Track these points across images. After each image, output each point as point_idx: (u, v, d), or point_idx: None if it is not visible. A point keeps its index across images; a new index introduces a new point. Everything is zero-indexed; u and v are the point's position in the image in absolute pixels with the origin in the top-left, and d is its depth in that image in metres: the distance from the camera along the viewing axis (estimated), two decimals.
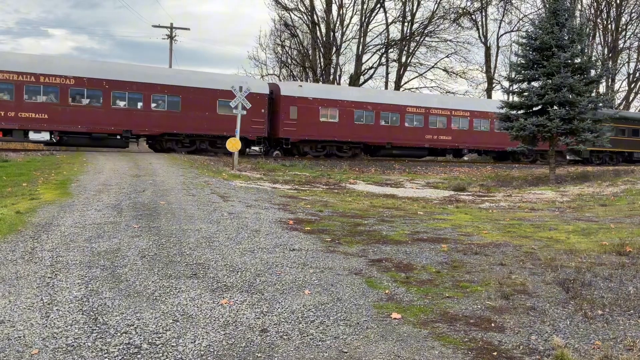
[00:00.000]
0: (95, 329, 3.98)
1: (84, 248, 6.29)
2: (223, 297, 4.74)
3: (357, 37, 43.51)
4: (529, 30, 22.88)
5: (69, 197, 10.00)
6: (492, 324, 4.31)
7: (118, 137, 23.89)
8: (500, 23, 49.33)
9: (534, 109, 20.80)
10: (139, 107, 24.21)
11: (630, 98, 48.53)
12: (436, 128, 31.10)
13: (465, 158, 35.99)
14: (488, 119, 31.90)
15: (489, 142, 32.37)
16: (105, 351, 3.64)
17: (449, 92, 44.92)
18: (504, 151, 32.59)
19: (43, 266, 5.51)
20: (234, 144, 19.80)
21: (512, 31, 47.09)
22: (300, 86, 28.83)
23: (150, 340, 3.82)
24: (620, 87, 49.03)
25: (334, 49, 42.63)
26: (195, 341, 3.84)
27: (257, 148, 28.09)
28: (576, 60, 21.14)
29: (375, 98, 30.33)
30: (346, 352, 3.76)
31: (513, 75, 22.50)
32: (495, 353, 3.79)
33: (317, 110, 28.04)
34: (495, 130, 30.96)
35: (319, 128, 28.08)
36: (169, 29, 40.80)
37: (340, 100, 28.87)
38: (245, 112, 21.17)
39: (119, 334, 3.91)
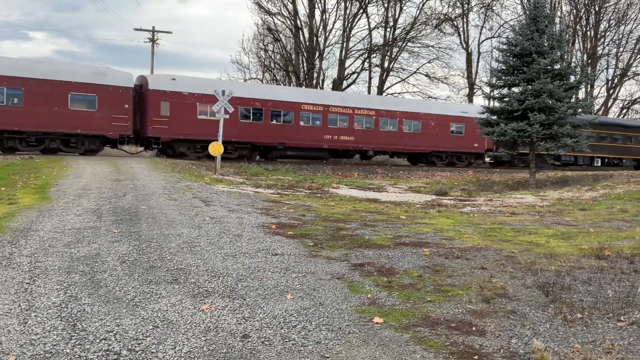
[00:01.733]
0: (74, 336, 3.92)
1: (63, 253, 6.20)
2: (204, 303, 4.71)
3: (340, 42, 43.68)
4: (510, 37, 23.17)
5: (48, 202, 9.87)
6: (473, 328, 4.34)
7: None
8: (482, 29, 49.97)
9: (515, 114, 21.02)
10: None
11: (609, 104, 49.31)
12: (337, 128, 29.03)
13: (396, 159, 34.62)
14: (396, 119, 30.48)
15: (397, 143, 30.64)
16: (84, 358, 3.59)
17: (430, 97, 45.18)
18: (418, 153, 32.03)
19: (21, 272, 5.42)
20: (216, 148, 19.71)
21: (493, 37, 47.58)
22: (174, 79, 26.00)
23: (129, 347, 3.78)
24: (599, 93, 49.78)
25: (317, 53, 42.72)
26: (175, 347, 3.81)
27: (127, 148, 25.92)
28: (556, 67, 21.44)
29: (265, 94, 27.99)
30: (328, 357, 3.75)
31: (494, 81, 22.76)
32: (476, 357, 3.81)
33: (194, 106, 25.58)
34: (404, 130, 30.48)
35: (197, 126, 25.52)
36: (151, 33, 40.59)
37: None
38: (227, 117, 21.08)
39: (98, 341, 3.86)
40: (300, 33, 42.57)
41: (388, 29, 44.77)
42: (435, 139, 31.53)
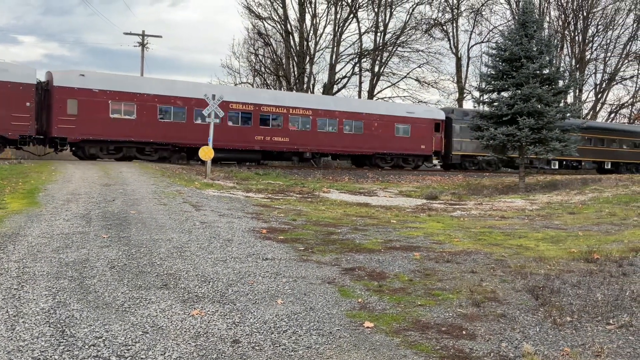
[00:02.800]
0: (62, 342, 3.89)
1: (52, 259, 6.15)
2: (194, 308, 4.69)
3: (331, 46, 43.84)
4: (499, 42, 23.38)
5: (37, 207, 9.79)
6: (464, 332, 4.34)
7: None
8: (471, 34, 50.28)
9: (504, 118, 21.15)
10: None
11: (597, 108, 49.73)
12: (269, 128, 27.50)
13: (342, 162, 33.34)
14: (336, 119, 29.29)
15: (337, 144, 29.35)
16: None
17: (421, 101, 45.34)
18: (360, 155, 30.95)
19: (9, 277, 5.37)
20: (206, 153, 19.66)
21: (482, 42, 48.04)
22: (83, 75, 24.07)
23: (119, 353, 3.75)
24: (587, 97, 50.22)
25: (308, 58, 42.80)
26: (165, 353, 3.78)
27: (34, 149, 24.51)
28: (544, 71, 21.62)
29: (188, 92, 26.11)
30: None
31: (483, 86, 22.90)
32: None
33: (106, 104, 23.85)
34: (345, 132, 29.33)
35: (110, 126, 23.89)
36: (141, 37, 40.47)
37: (138, 94, 24.71)
38: (218, 121, 21.04)
39: (87, 347, 3.82)
40: (291, 37, 42.67)
41: (378, 34, 45.05)
42: (379, 141, 30.38)
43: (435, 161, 33.07)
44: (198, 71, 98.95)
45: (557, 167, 35.94)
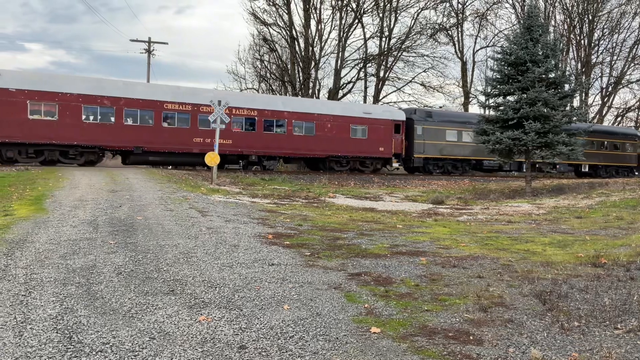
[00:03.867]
0: (70, 348, 3.90)
1: (59, 265, 6.18)
2: (201, 314, 4.69)
3: (336, 51, 43.87)
4: (504, 46, 23.33)
5: (44, 213, 9.84)
6: (471, 337, 4.33)
7: None
8: (476, 39, 50.35)
9: (510, 122, 21.11)
10: None
11: (604, 112, 49.56)
12: (210, 130, 25.12)
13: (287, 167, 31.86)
14: (284, 120, 27.75)
15: (286, 147, 27.81)
16: None
17: (426, 105, 45.27)
18: (314, 159, 29.39)
19: (17, 284, 5.40)
20: (212, 158, 19.71)
21: (487, 46, 47.99)
22: None
23: (126, 359, 3.76)
24: (593, 101, 50.05)
25: (313, 63, 42.88)
26: (172, 359, 3.79)
27: None
28: (550, 75, 21.58)
29: (117, 91, 24.42)
30: None
31: (489, 90, 22.88)
32: None
33: (23, 104, 22.43)
34: (295, 133, 27.79)
35: (28, 128, 22.46)
36: (147, 43, 40.68)
37: (61, 93, 23.15)
38: (224, 127, 21.08)
39: (94, 353, 3.83)
40: (296, 43, 42.76)
41: (383, 39, 45.06)
42: (332, 143, 28.87)
43: (395, 164, 31.75)
44: (204, 77, 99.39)
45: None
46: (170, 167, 27.14)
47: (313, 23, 42.90)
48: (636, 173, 38.31)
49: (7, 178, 16.96)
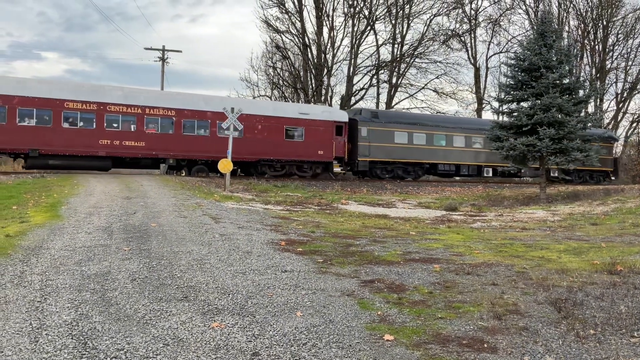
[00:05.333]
0: (84, 354, 3.93)
1: (74, 271, 6.23)
2: (214, 320, 4.71)
3: (348, 58, 43.97)
4: (518, 52, 23.23)
5: (60, 220, 9.93)
6: (485, 345, 4.30)
7: None
8: (489, 44, 50.26)
9: (524, 129, 20.99)
10: None
11: (619, 118, 49.11)
12: (119, 131, 23.95)
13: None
14: (207, 121, 25.87)
15: (210, 149, 25.71)
16: None
17: (439, 112, 45.09)
18: (243, 162, 27.06)
19: (32, 290, 5.45)
20: (225, 165, 19.80)
21: (500, 52, 47.76)
22: None
23: None
24: (608, 107, 49.61)
25: (325, 70, 42.97)
26: None
27: None
28: (564, 81, 21.44)
29: (9, 88, 22.65)
30: None
31: (502, 96, 22.75)
32: None
33: None
34: (220, 135, 24.92)
35: None
36: (161, 52, 41.03)
37: None
38: (237, 134, 21.14)
39: (108, 359, 3.86)
40: (309, 50, 42.90)
41: (396, 45, 45.09)
42: (263, 146, 26.94)
43: (337, 169, 29.55)
44: (217, 85, 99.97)
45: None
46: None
47: (325, 30, 43.09)
48: (612, 178, 35.99)
49: (23, 185, 17.16)
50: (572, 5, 47.06)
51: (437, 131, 32.01)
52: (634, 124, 51.11)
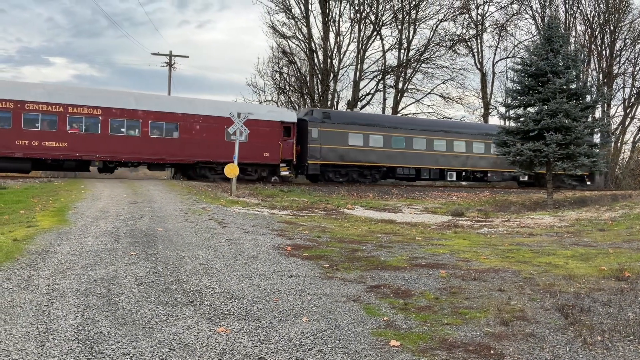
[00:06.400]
0: (91, 358, 3.94)
1: (81, 276, 6.25)
2: (220, 325, 4.71)
3: (355, 63, 43.99)
4: (524, 57, 23.22)
5: (67, 225, 9.97)
6: (492, 351, 4.28)
7: None
8: (496, 50, 50.01)
9: (531, 134, 20.94)
10: None
11: (626, 123, 48.87)
12: (38, 131, 22.39)
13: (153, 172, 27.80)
14: (138, 120, 24.35)
15: (141, 151, 24.30)
16: None
17: (445, 117, 45.02)
18: (180, 165, 25.90)
19: (39, 294, 5.47)
20: (232, 170, 19.83)
21: (507, 57, 47.69)
22: None
23: None
24: (615, 112, 49.37)
25: (332, 75, 43.02)
26: None
27: None
28: (571, 86, 21.38)
29: None
30: None
31: (509, 101, 22.72)
32: None
33: None
34: (152, 136, 24.32)
35: None
36: (168, 57, 41.21)
37: None
38: (243, 138, 21.17)
39: None
40: (315, 55, 42.98)
41: (402, 51, 45.12)
42: (202, 147, 25.45)
43: (285, 172, 27.88)
44: (224, 90, 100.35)
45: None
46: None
47: (332, 35, 43.15)
48: (588, 183, 34.34)
49: (30, 190, 17.25)
50: (579, 10, 46.98)
51: (396, 133, 30.64)
52: None
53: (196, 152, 25.33)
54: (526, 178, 33.91)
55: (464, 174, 32.59)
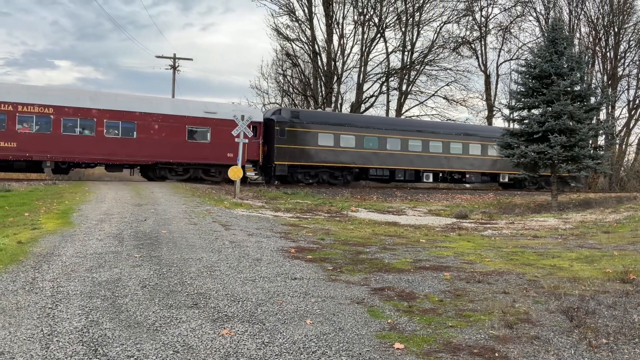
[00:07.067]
0: None
1: (85, 278, 6.26)
2: (224, 328, 4.71)
3: (358, 66, 43.98)
4: (528, 59, 23.14)
5: (71, 227, 9.99)
6: (496, 354, 4.27)
7: None
8: (500, 52, 50.05)
9: (535, 136, 20.89)
10: None
11: (631, 125, 48.72)
12: None
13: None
14: (93, 119, 23.48)
15: (95, 152, 23.38)
16: None
17: (449, 119, 44.95)
18: (139, 165, 25.12)
19: (44, 296, 5.48)
20: (235, 172, 19.85)
21: (511, 59, 47.62)
22: None
23: None
24: (620, 114, 49.23)
25: (335, 77, 43.02)
26: None
27: None
28: (576, 88, 21.33)
29: None
30: None
31: (513, 103, 22.68)
32: None
33: None
34: (108, 135, 23.54)
35: None
36: (172, 60, 41.29)
37: None
38: (247, 141, 21.18)
39: None
40: (319, 58, 43.00)
41: (406, 53, 45.07)
42: (161, 147, 24.58)
43: (251, 173, 27.29)
44: (228, 92, 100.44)
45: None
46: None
47: (335, 38, 43.14)
48: (572, 185, 32.57)
49: (35, 192, 17.29)
50: (583, 12, 46.89)
51: (368, 133, 29.74)
52: None
53: (155, 152, 24.56)
54: (506, 180, 33.20)
55: (441, 175, 31.79)
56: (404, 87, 45.49)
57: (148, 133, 24.42)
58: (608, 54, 47.07)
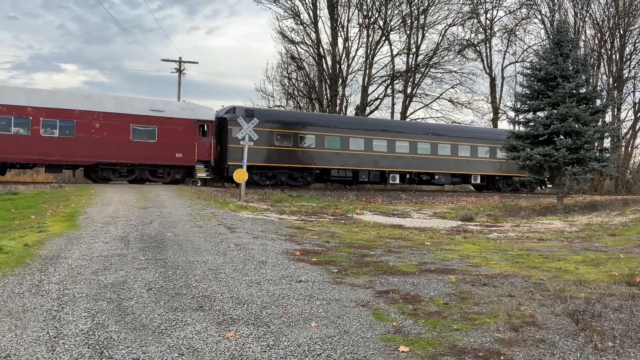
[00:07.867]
0: None
1: (91, 281, 6.28)
2: (229, 330, 4.71)
3: (363, 68, 43.98)
4: (534, 61, 23.14)
5: (77, 230, 10.03)
6: (502, 357, 4.26)
7: None
8: (505, 54, 49.87)
9: (540, 138, 20.85)
10: None
11: (637, 127, 48.51)
12: None
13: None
14: (28, 118, 22.37)
15: (30, 152, 22.33)
16: None
17: (454, 122, 44.90)
18: (80, 166, 24.24)
19: (50, 299, 5.51)
20: (240, 175, 19.88)
21: (516, 62, 47.50)
22: None
23: None
24: (626, 116, 49.03)
25: (340, 80, 43.05)
26: None
27: None
28: (581, 90, 21.29)
29: None
30: None
31: (518, 106, 22.66)
32: None
33: None
34: (44, 135, 22.51)
35: None
36: (178, 63, 41.41)
37: None
38: (252, 144, 21.22)
39: None
40: (323, 61, 43.04)
41: (410, 56, 45.07)
42: (103, 147, 23.42)
43: (202, 174, 25.92)
44: (233, 95, 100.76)
45: (396, 180, 30.25)
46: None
47: (340, 41, 43.19)
48: (550, 186, 31.10)
49: (41, 195, 17.36)
50: (588, 14, 46.78)
51: (330, 132, 28.69)
52: None
53: (96, 152, 23.42)
54: (478, 181, 32.22)
55: (408, 176, 30.77)
56: (409, 90, 45.47)
57: (88, 132, 23.37)
58: (613, 56, 46.93)
